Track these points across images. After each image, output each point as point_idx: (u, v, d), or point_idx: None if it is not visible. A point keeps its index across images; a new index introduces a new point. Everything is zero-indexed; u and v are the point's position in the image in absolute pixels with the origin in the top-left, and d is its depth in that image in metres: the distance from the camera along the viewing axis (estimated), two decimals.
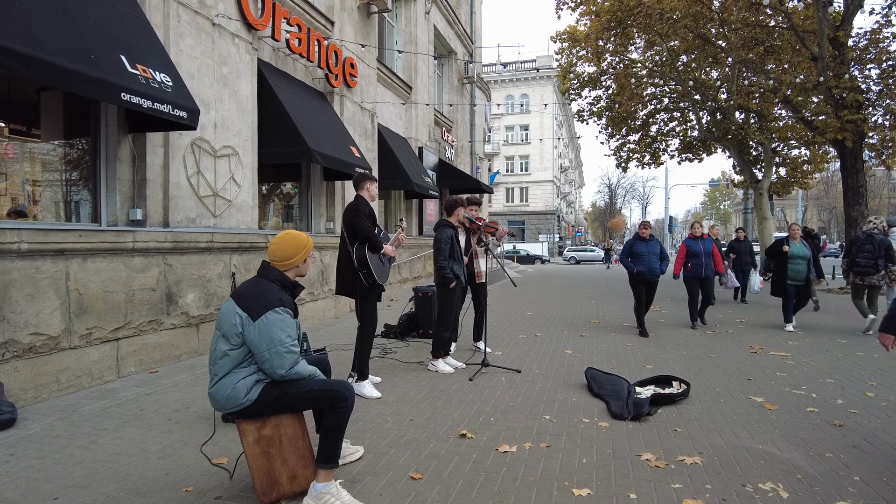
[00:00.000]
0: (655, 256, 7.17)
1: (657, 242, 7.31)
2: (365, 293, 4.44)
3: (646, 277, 7.17)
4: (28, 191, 4.78)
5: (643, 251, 7.18)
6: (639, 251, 7.21)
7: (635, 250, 7.25)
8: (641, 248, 7.21)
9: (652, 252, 7.17)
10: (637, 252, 7.22)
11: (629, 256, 7.29)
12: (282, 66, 7.67)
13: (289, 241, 2.66)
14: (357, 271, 4.34)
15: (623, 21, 14.15)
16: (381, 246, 4.44)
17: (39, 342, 4.02)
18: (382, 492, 2.69)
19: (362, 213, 4.38)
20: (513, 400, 4.25)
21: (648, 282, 7.24)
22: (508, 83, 47.88)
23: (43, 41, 3.64)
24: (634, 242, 7.34)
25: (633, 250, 7.28)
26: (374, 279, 4.37)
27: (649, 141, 19.03)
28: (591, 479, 2.84)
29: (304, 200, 8.65)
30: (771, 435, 3.52)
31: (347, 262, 4.40)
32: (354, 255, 4.34)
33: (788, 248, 7.71)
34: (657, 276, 7.23)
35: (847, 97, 11.79)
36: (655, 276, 7.20)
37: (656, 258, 7.18)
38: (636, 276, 7.21)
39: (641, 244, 7.25)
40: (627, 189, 72.35)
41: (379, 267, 4.44)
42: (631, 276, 7.32)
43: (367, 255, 4.32)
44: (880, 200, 44.55)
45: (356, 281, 4.38)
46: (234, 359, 2.46)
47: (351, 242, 4.38)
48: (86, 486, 2.71)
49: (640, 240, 7.31)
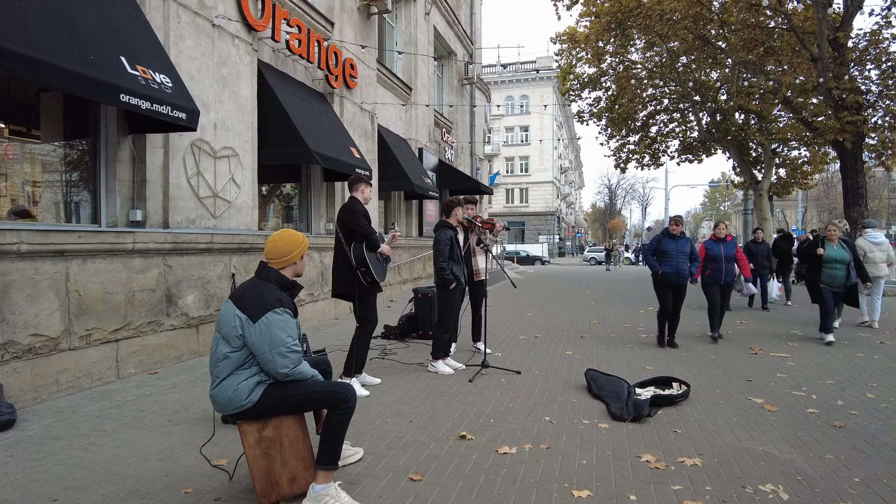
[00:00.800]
0: (685, 256, 6.37)
1: (688, 241, 6.50)
2: (364, 292, 4.43)
3: (672, 280, 6.34)
4: (28, 192, 4.78)
5: (671, 250, 6.36)
6: (666, 249, 6.39)
7: (662, 248, 6.45)
8: (670, 246, 6.39)
9: (681, 251, 6.35)
10: (664, 251, 6.41)
11: (654, 255, 6.49)
12: (282, 67, 7.67)
13: (284, 239, 2.66)
14: (355, 270, 4.34)
15: (623, 22, 14.18)
16: (379, 244, 4.44)
17: (39, 343, 4.02)
18: (382, 493, 2.68)
19: (358, 212, 4.38)
20: (513, 401, 4.24)
21: (676, 285, 6.39)
22: (508, 84, 47.92)
23: (43, 42, 3.64)
24: (662, 239, 6.53)
25: (659, 248, 6.48)
26: (373, 277, 4.37)
27: (649, 142, 19.05)
28: (591, 481, 2.84)
29: (303, 201, 8.65)
30: (771, 436, 3.51)
31: (344, 262, 4.39)
32: (352, 253, 4.33)
33: (823, 250, 6.87)
34: (686, 280, 6.44)
35: (847, 98, 11.79)
36: (684, 279, 6.41)
37: (685, 258, 6.37)
38: (662, 278, 6.42)
39: (670, 242, 6.43)
40: (627, 190, 72.35)
41: (377, 265, 4.44)
42: (655, 277, 6.54)
43: (366, 254, 4.32)
44: (880, 201, 44.55)
45: (354, 280, 4.37)
46: (235, 361, 2.46)
47: (348, 242, 4.38)
48: (85, 488, 2.71)
49: (668, 237, 6.49)
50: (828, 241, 6.97)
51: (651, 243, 6.74)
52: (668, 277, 6.37)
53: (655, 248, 6.55)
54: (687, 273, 6.40)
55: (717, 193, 67.98)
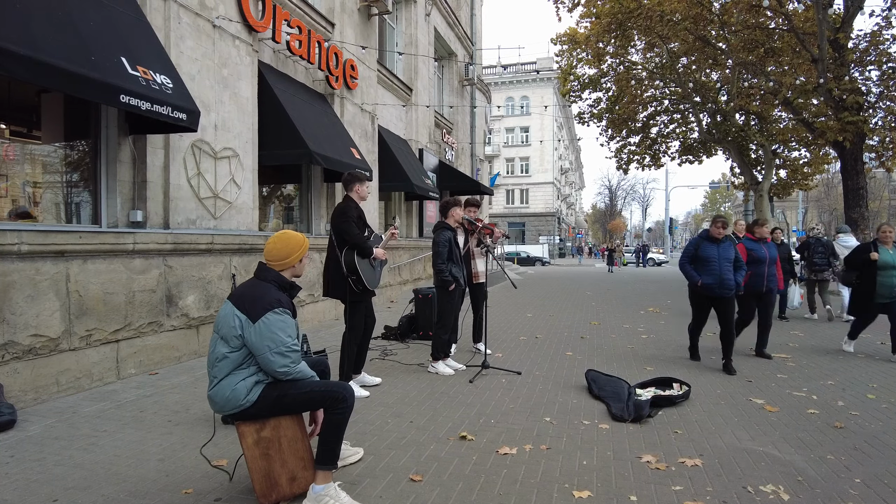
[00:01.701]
0: (728, 264, 5.35)
1: (732, 245, 5.51)
2: (355, 299, 4.33)
3: (715, 293, 5.35)
4: (29, 192, 4.78)
5: (712, 256, 5.37)
6: (706, 255, 5.39)
7: (701, 254, 5.44)
8: (710, 251, 5.40)
9: (724, 258, 5.35)
10: (704, 257, 5.41)
11: (692, 262, 5.53)
12: (282, 67, 7.68)
13: (284, 241, 2.66)
14: (346, 278, 4.22)
15: (623, 23, 14.19)
16: (372, 251, 4.30)
17: (39, 344, 4.02)
18: (382, 494, 2.68)
19: (350, 218, 4.23)
20: (513, 402, 4.24)
21: (718, 298, 5.37)
22: (509, 85, 47.94)
23: (43, 43, 3.64)
24: (700, 243, 5.51)
25: (697, 254, 5.48)
26: (364, 285, 4.26)
27: (649, 143, 19.06)
28: (592, 481, 2.83)
29: (304, 202, 8.65)
30: (772, 437, 3.51)
31: (336, 267, 4.26)
32: (343, 260, 4.20)
33: (878, 255, 5.91)
34: (731, 291, 5.37)
35: (847, 99, 11.79)
36: (728, 291, 5.35)
37: (729, 266, 5.36)
38: (702, 290, 5.43)
39: (710, 247, 5.43)
40: (628, 191, 72.39)
41: (369, 272, 4.31)
42: (693, 289, 5.57)
43: (357, 261, 4.19)
44: (881, 202, 44.53)
45: (345, 287, 4.25)
46: (233, 361, 2.46)
47: (339, 247, 4.24)
48: (85, 488, 2.71)
49: (709, 240, 5.48)
50: (881, 244, 6.02)
51: (688, 248, 5.70)
52: (711, 289, 5.37)
53: (693, 253, 5.53)
54: (732, 283, 5.36)
55: (717, 194, 68.03)
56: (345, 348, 4.40)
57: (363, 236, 4.28)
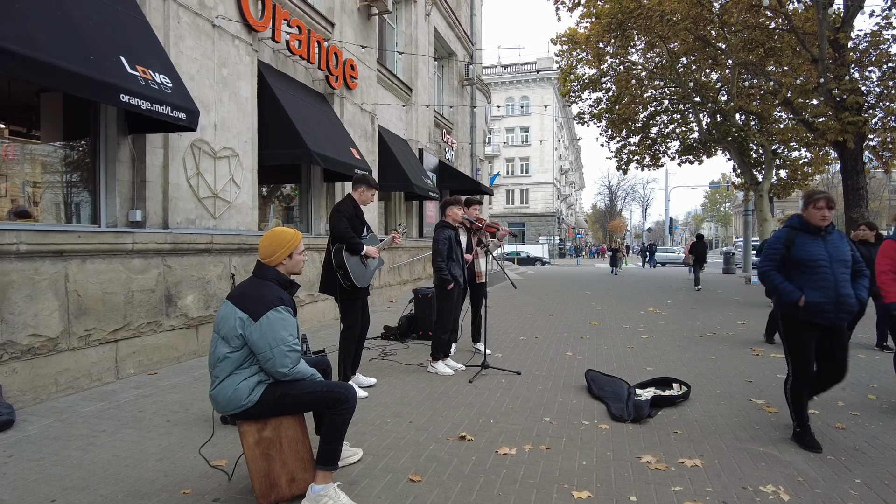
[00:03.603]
0: (845, 268, 3.35)
1: (842, 236, 3.46)
2: (346, 296, 4.35)
3: (828, 317, 3.28)
4: (28, 192, 4.78)
5: (818, 256, 3.32)
6: (807, 256, 3.34)
7: (797, 256, 3.38)
8: (812, 249, 3.35)
9: (837, 258, 3.33)
10: (803, 259, 3.35)
11: (782, 268, 3.46)
12: (282, 67, 7.67)
13: (271, 237, 2.64)
14: (335, 272, 4.29)
15: (623, 23, 14.19)
16: (361, 248, 4.32)
17: (38, 343, 4.02)
18: (381, 494, 2.68)
19: (342, 214, 4.29)
20: (512, 402, 4.24)
21: (832, 325, 3.31)
22: (509, 85, 47.91)
23: (42, 42, 3.64)
24: (795, 238, 3.41)
25: (789, 255, 3.41)
26: (352, 281, 4.27)
27: (649, 143, 19.05)
28: (592, 482, 2.83)
29: (304, 202, 8.65)
30: (772, 437, 3.50)
31: (329, 262, 4.35)
32: (333, 253, 4.27)
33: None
34: (852, 311, 3.32)
35: (847, 99, 11.78)
36: (848, 312, 3.30)
37: (846, 272, 3.34)
38: (805, 313, 3.31)
39: (810, 242, 3.37)
40: (628, 191, 72.34)
41: (358, 269, 4.32)
42: (788, 310, 3.40)
43: (345, 257, 4.22)
44: (881, 202, 44.52)
45: (336, 282, 4.31)
46: (235, 361, 2.45)
47: (332, 242, 4.33)
48: (84, 488, 2.70)
49: (806, 232, 3.41)
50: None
51: (772, 246, 3.52)
52: (821, 311, 3.28)
53: (783, 255, 3.44)
54: (853, 300, 3.30)
55: (717, 194, 68.01)
56: (342, 347, 4.42)
57: (350, 231, 4.30)
